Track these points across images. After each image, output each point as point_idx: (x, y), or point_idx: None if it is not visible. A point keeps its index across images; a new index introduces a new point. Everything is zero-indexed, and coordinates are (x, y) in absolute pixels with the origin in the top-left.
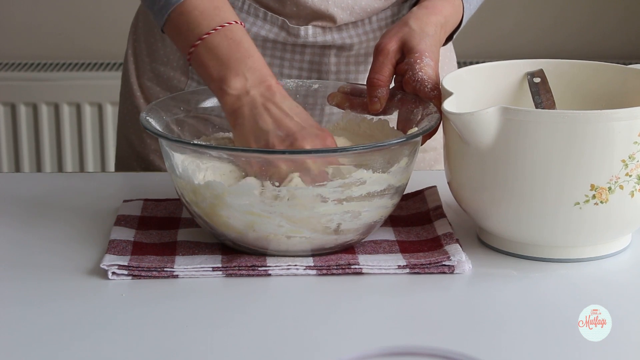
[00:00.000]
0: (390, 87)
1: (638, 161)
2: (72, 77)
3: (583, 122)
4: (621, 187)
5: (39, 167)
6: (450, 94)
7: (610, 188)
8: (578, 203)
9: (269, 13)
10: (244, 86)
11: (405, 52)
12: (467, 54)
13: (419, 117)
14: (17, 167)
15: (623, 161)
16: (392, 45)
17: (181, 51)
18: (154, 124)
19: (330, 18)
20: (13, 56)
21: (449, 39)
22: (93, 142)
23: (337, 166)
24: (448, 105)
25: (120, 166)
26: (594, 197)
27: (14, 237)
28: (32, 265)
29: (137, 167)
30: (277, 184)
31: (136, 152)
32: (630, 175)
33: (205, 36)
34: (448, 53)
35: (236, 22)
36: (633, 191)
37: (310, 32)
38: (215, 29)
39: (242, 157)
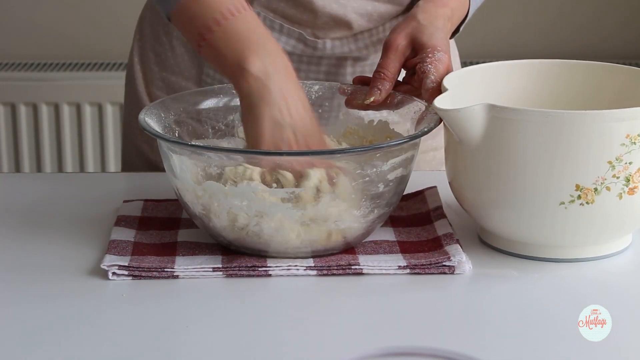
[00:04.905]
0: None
1: None
2: (72, 77)
3: (569, 122)
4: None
5: (39, 167)
6: (445, 90)
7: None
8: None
9: (285, 26)
10: (264, 68)
11: (417, 47)
12: (468, 53)
13: (420, 117)
14: (17, 167)
15: (630, 163)
16: (402, 41)
17: (192, 37)
18: (153, 124)
19: (347, 25)
20: (13, 56)
21: (455, 32)
22: (93, 142)
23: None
24: (439, 101)
25: (128, 172)
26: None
27: (14, 237)
28: (32, 265)
29: None
30: (275, 185)
31: (147, 160)
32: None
33: (222, 21)
34: (452, 49)
35: (249, 8)
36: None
37: (328, 46)
38: (232, 14)
39: (241, 158)
